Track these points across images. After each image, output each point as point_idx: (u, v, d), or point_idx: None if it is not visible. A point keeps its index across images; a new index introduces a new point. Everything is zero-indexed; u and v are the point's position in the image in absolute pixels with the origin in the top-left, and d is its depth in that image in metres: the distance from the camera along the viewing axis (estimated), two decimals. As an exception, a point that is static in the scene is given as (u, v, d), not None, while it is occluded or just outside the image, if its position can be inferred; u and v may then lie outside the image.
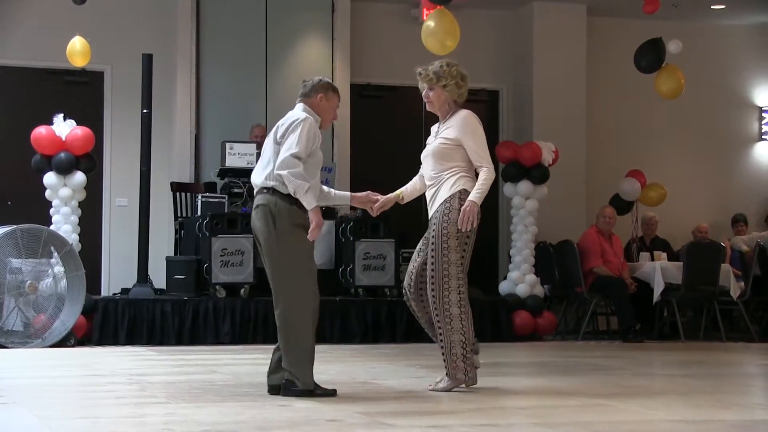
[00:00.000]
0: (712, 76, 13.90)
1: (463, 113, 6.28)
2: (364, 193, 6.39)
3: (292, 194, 5.80)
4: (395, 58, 12.75)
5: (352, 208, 11.60)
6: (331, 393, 5.80)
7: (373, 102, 12.81)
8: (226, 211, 10.61)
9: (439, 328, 6.15)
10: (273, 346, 6.10)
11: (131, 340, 9.98)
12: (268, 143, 5.99)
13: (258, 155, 10.84)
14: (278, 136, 5.92)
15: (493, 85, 13.27)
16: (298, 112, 6.03)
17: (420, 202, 13.69)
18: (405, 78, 12.87)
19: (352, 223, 10.82)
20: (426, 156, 6.33)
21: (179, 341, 10.03)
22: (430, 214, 6.23)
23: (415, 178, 6.54)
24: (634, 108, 13.62)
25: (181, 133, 11.93)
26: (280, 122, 6.03)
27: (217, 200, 10.82)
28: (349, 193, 6.46)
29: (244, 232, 10.22)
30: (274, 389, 5.85)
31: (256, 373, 7.23)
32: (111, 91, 12.08)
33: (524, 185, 11.41)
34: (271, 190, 5.88)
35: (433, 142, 6.31)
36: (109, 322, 10.01)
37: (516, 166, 11.43)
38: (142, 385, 6.51)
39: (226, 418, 4.97)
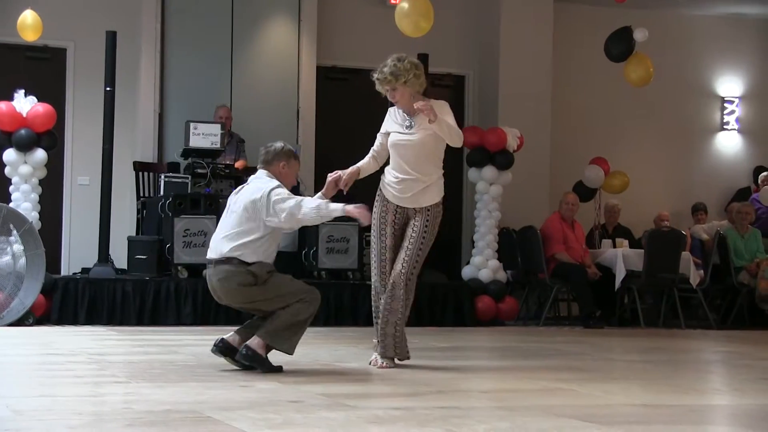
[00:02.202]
0: (676, 65, 13.99)
1: (438, 103, 6.50)
2: (327, 182, 6.56)
3: (316, 219, 6.14)
4: (362, 41, 12.72)
5: (316, 191, 11.60)
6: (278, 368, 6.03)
7: (339, 84, 12.76)
8: (189, 191, 10.54)
9: (389, 308, 6.43)
10: (235, 327, 6.15)
11: (91, 320, 9.90)
12: (234, 211, 6.14)
13: (222, 136, 10.84)
14: (253, 206, 6.04)
15: (459, 70, 13.28)
16: (265, 179, 6.16)
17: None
18: (371, 61, 12.79)
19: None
20: (407, 146, 6.44)
21: (140, 322, 9.97)
22: (412, 204, 6.45)
23: (369, 158, 6.69)
24: (599, 96, 13.69)
25: (145, 112, 11.84)
26: (246, 193, 6.13)
27: (180, 180, 10.75)
28: (318, 194, 6.55)
29: (207, 213, 10.18)
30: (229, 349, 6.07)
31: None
32: (73, 68, 11.95)
33: (489, 171, 11.42)
34: (235, 261, 6.07)
35: (414, 133, 6.42)
36: (69, 302, 9.92)
37: (481, 151, 11.44)
38: (102, 364, 6.47)
39: (186, 398, 4.95)
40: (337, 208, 6.11)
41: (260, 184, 6.16)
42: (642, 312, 11.49)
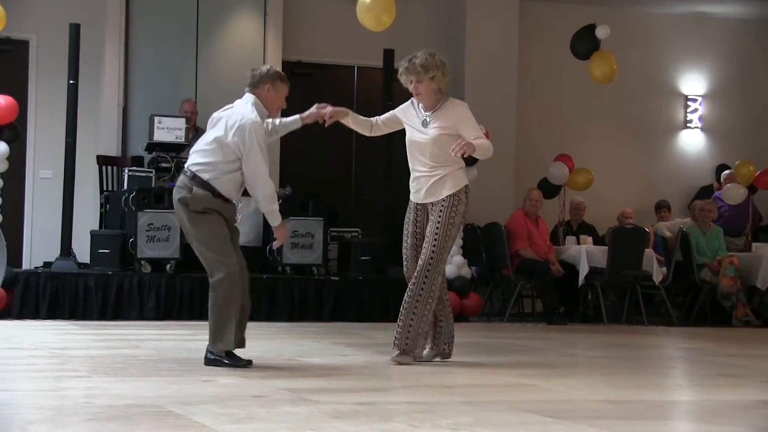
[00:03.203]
0: (640, 63, 14.06)
1: (457, 104, 6.62)
2: (311, 109, 6.57)
3: (265, 213, 6.12)
4: (327, 35, 12.71)
5: (281, 185, 11.58)
6: (246, 364, 5.98)
7: (305, 79, 12.72)
8: (153, 185, 10.50)
9: (417, 303, 6.39)
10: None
11: (53, 314, 9.83)
12: (210, 129, 6.15)
13: (186, 130, 10.80)
14: (227, 129, 6.02)
15: (424, 66, 13.24)
16: (244, 106, 6.14)
17: (348, 184, 13.65)
18: (336, 56, 12.93)
19: (281, 201, 10.74)
20: (422, 143, 6.50)
21: (102, 316, 9.91)
22: (427, 199, 6.49)
23: (368, 119, 6.74)
24: (564, 93, 13.73)
25: (109, 105, 11.76)
26: (226, 113, 6.14)
27: (144, 174, 10.69)
28: (297, 116, 6.58)
29: (171, 208, 10.03)
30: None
31: (181, 349, 7.19)
32: (36, 61, 11.85)
33: (453, 167, 11.41)
34: (191, 174, 6.05)
35: (428, 131, 6.49)
36: (31, 296, 9.85)
37: (446, 147, 11.43)
38: (63, 359, 6.42)
39: (148, 392, 4.92)
40: (278, 222, 6.09)
41: (243, 110, 6.09)
42: (605, 309, 11.54)
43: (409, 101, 6.69)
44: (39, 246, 11.62)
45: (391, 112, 6.78)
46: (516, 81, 13.22)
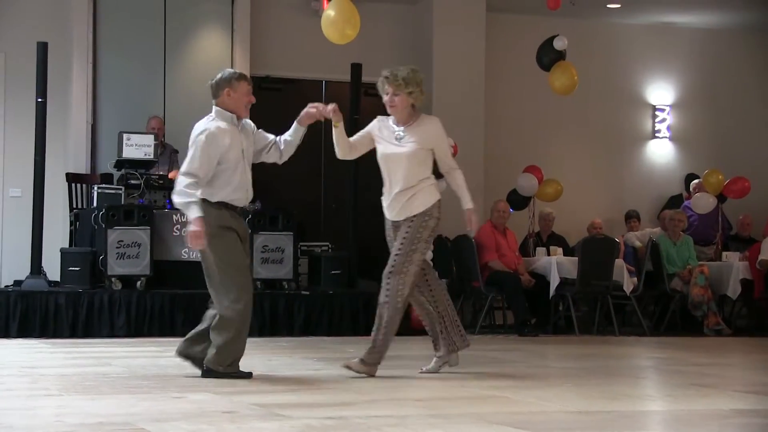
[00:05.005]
0: (608, 74, 14.16)
1: (434, 120, 6.74)
2: (303, 112, 6.70)
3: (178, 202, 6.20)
4: (295, 50, 12.73)
5: (252, 200, 11.56)
6: (246, 375, 6.25)
7: (273, 94, 12.73)
8: (122, 202, 10.47)
9: (382, 313, 6.63)
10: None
11: (24, 332, 9.78)
12: None
13: (156, 146, 10.78)
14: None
15: (393, 79, 13.28)
16: (204, 121, 6.34)
17: (318, 198, 13.62)
18: (304, 70, 12.94)
19: (250, 216, 10.75)
20: (396, 158, 6.55)
21: (73, 334, 9.86)
22: (401, 215, 6.58)
23: (348, 140, 6.73)
24: (532, 104, 13.79)
25: (77, 122, 11.73)
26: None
27: (113, 191, 10.66)
28: (294, 124, 6.78)
29: (140, 224, 10.11)
30: (191, 358, 6.28)
31: (151, 366, 7.16)
32: (4, 79, 11.81)
33: (423, 180, 11.43)
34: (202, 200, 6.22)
35: (404, 145, 6.54)
36: (1, 315, 9.79)
37: (415, 160, 11.46)
38: (34, 377, 6.39)
39: (119, 410, 4.90)
40: (192, 216, 6.09)
41: (199, 124, 6.32)
42: (576, 319, 11.58)
43: (377, 119, 6.73)
44: (9, 264, 11.57)
45: (361, 132, 6.79)
46: (484, 93, 13.27)
